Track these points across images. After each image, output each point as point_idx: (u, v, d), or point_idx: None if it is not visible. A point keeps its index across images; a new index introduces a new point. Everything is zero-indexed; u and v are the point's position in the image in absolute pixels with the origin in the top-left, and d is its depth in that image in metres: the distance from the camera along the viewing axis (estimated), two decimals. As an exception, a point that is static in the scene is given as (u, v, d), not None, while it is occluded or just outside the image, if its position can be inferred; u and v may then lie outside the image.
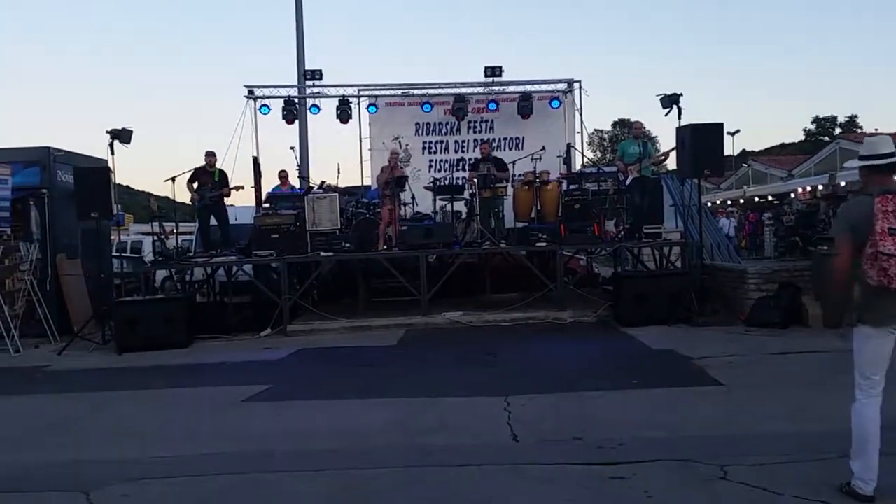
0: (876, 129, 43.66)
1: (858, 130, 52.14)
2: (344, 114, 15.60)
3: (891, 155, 4.12)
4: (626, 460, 4.99)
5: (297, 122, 15.96)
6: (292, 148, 14.97)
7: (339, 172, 13.96)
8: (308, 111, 16.16)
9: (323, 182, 13.54)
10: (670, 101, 11.82)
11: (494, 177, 12.71)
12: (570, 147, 15.44)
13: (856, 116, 62.03)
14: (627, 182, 12.52)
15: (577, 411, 6.32)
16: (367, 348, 10.03)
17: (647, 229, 12.25)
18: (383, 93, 16.26)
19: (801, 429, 5.57)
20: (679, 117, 11.67)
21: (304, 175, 14.96)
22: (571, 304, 11.82)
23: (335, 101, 15.68)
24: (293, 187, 14.46)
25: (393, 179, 12.20)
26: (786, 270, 10.90)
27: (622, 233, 12.57)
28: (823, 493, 4.20)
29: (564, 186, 13.35)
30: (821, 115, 63.73)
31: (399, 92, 16.30)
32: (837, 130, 56.06)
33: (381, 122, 16.10)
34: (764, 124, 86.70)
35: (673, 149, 11.94)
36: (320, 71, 15.44)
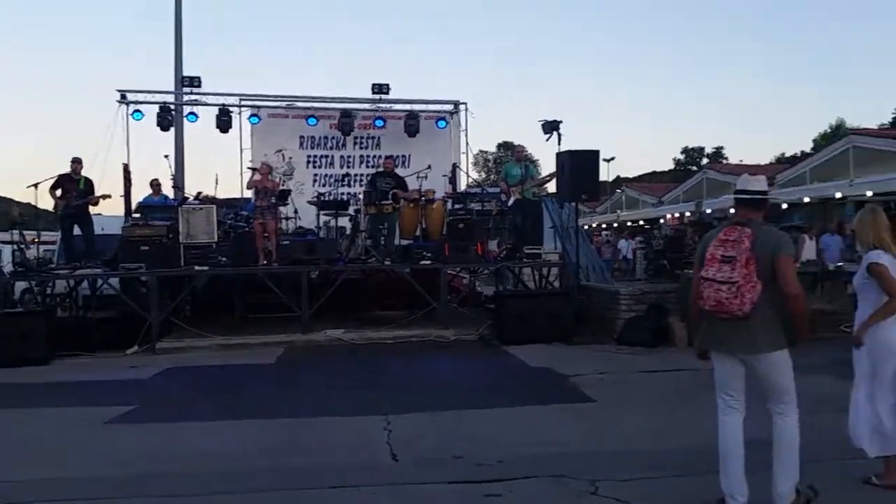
0: (740, 161, 46.59)
1: (724, 161, 55.57)
2: (224, 123, 15.21)
3: (758, 193, 4.39)
4: (503, 477, 5.04)
5: (172, 129, 15.42)
6: (166, 156, 14.44)
7: (216, 183, 13.54)
8: (185, 119, 15.63)
9: (199, 193, 13.10)
10: (551, 126, 12.20)
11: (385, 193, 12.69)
12: (455, 167, 15.66)
13: (722, 148, 66.24)
14: (510, 203, 12.80)
15: (457, 429, 6.35)
16: (243, 366, 9.71)
17: (527, 250, 12.54)
18: (266, 103, 15.98)
19: (668, 444, 5.79)
20: (559, 143, 12.08)
21: (178, 185, 14.43)
22: (454, 323, 11.91)
23: (214, 110, 15.27)
24: (166, 197, 13.92)
25: (265, 191, 11.80)
26: (655, 292, 11.42)
27: (504, 253, 12.81)
28: (686, 506, 4.38)
29: (449, 206, 13.50)
30: (689, 146, 67.67)
31: (283, 104, 16.07)
32: (705, 160, 59.52)
33: (263, 134, 15.78)
34: (637, 153, 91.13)
35: (554, 173, 12.32)
36: (199, 78, 15.02)
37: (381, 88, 15.67)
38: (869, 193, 16.96)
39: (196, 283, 12.65)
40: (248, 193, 12.54)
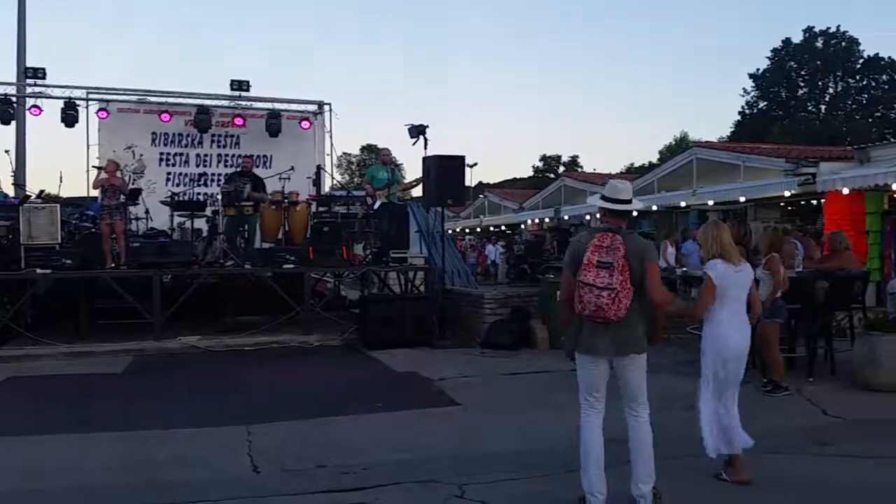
0: (594, 169, 48.70)
1: (580, 169, 57.99)
2: (70, 117, 14.24)
3: (626, 202, 4.55)
4: (368, 485, 4.96)
5: (13, 123, 14.29)
6: (7, 151, 13.32)
7: (61, 181, 12.56)
8: (27, 112, 14.51)
9: (42, 191, 12.13)
10: (417, 131, 12.24)
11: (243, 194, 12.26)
12: (319, 169, 15.39)
13: (577, 156, 69.08)
14: (375, 207, 12.71)
15: (321, 437, 6.19)
16: (90, 376, 9.05)
17: (393, 254, 12.50)
18: (116, 97, 15.09)
19: (530, 445, 5.90)
20: (425, 147, 12.12)
21: (19, 182, 13.35)
22: (318, 328, 11.67)
23: (60, 103, 14.28)
24: (6, 195, 12.87)
25: (112, 190, 11.10)
26: (517, 296, 11.68)
27: (370, 256, 12.70)
28: (551, 506, 4.46)
29: (313, 208, 13.24)
30: (547, 154, 70.09)
31: (134, 98, 15.22)
32: (561, 168, 61.86)
33: (112, 129, 14.84)
34: (498, 159, 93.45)
35: (420, 178, 12.35)
36: (43, 69, 14.01)
37: (240, 85, 15.18)
38: (710, 203, 18.10)
39: (38, 287, 11.69)
40: (95, 192, 11.77)
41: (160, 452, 5.80)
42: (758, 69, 54.12)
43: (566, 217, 25.79)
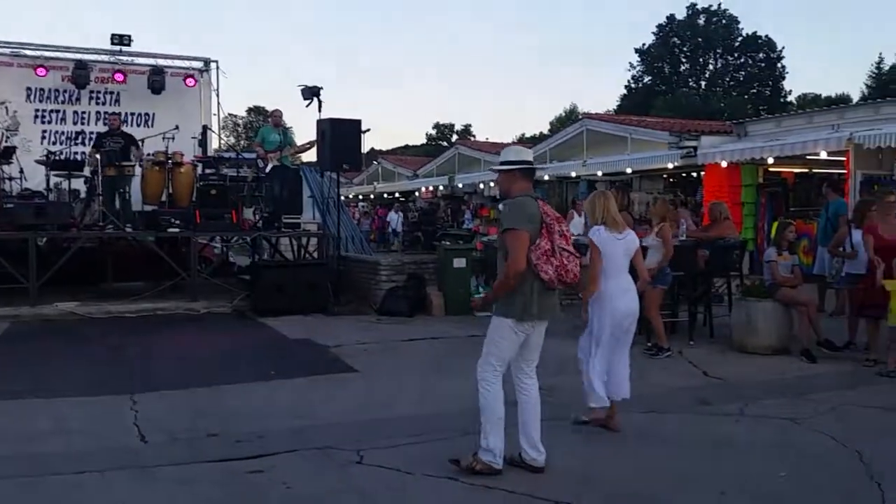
0: (487, 138, 49.13)
1: (472, 138, 58.37)
2: (-67, 71, 13.06)
3: (531, 163, 4.58)
4: (264, 453, 4.84)
5: None
6: None
7: (-79, 138, 11.58)
8: None
9: None
10: (311, 92, 11.90)
11: (124, 154, 11.62)
12: (206, 129, 14.76)
13: (470, 125, 69.52)
14: (267, 170, 12.32)
15: (212, 406, 6.00)
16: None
17: (286, 219, 12.20)
18: (-13, 49, 13.94)
19: (427, 410, 5.92)
20: (319, 110, 11.82)
21: None
22: (205, 295, 11.28)
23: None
24: None
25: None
26: (413, 263, 11.67)
27: (261, 221, 12.34)
28: (450, 469, 4.47)
29: (200, 170, 12.69)
30: (441, 122, 70.19)
31: (7, 50, 14.09)
32: (455, 137, 62.10)
33: (-19, 85, 13.75)
34: (391, 126, 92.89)
35: (314, 141, 12.05)
36: None
37: (121, 39, 14.30)
38: (599, 173, 18.63)
39: None
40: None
41: (40, 423, 5.48)
42: (643, 44, 55.95)
43: (460, 185, 25.97)
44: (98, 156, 11.58)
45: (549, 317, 4.51)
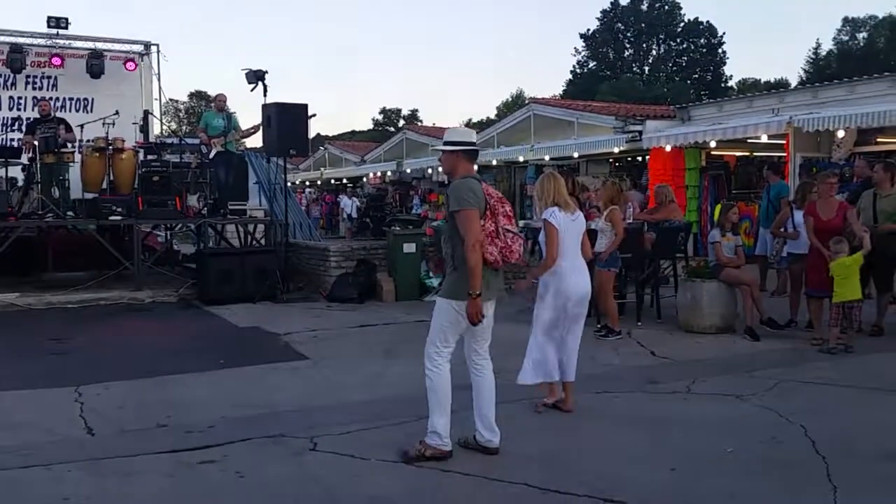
0: (433, 123, 49.07)
1: (420, 123, 58.16)
2: None
3: (475, 144, 4.59)
4: (215, 443, 4.77)
5: None
6: None
7: None
8: None
9: None
10: (256, 76, 11.67)
11: (61, 139, 11.26)
12: (147, 114, 14.41)
13: (417, 110, 69.29)
14: (211, 156, 12.07)
15: (160, 397, 5.88)
16: None
17: (231, 206, 11.99)
18: (-85, 31, 13.36)
19: (379, 395, 5.91)
20: (265, 94, 11.60)
21: None
22: (149, 284, 11.07)
23: None
24: None
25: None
26: (363, 249, 11.59)
27: (206, 208, 12.11)
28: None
29: (142, 156, 12.39)
30: (387, 107, 69.80)
31: (-62, 33, 13.54)
32: (401, 122, 61.82)
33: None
34: (337, 111, 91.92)
35: (258, 125, 11.85)
36: None
37: (58, 22, 13.86)
38: (547, 158, 18.76)
39: None
40: None
41: (-21, 417, 5.31)
42: (588, 29, 56.49)
43: (408, 170, 25.90)
44: (35, 143, 11.20)
45: (495, 297, 4.51)
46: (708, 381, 6.20)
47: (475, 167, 4.62)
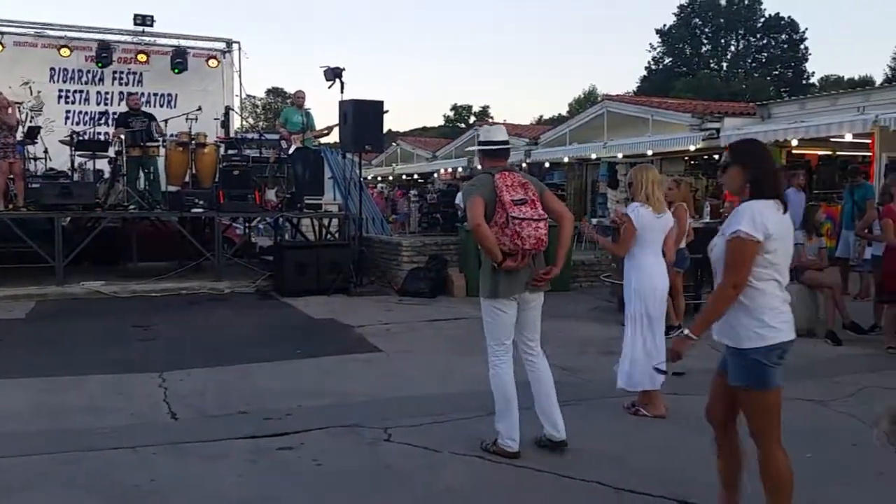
0: (505, 120, 48.92)
1: (490, 120, 58.08)
2: (-39, 52, 13.19)
3: (504, 143, 4.61)
4: (293, 430, 4.91)
5: None
6: None
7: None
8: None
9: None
10: (334, 74, 11.85)
11: (149, 134, 11.71)
12: (228, 110, 14.86)
13: (488, 107, 69.18)
14: (290, 151, 12.36)
15: (240, 384, 6.08)
16: (-10, 322, 8.59)
17: (308, 200, 12.25)
18: (11, 30, 14.14)
19: (451, 389, 5.98)
20: (342, 91, 11.79)
21: None
22: (228, 275, 11.40)
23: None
24: None
25: (5, 128, 10.33)
26: (435, 244, 11.70)
27: (283, 202, 12.41)
28: (476, 447, 4.52)
29: (223, 151, 12.78)
30: (458, 104, 69.92)
31: (31, 31, 14.25)
32: (472, 119, 61.85)
33: (7, 64, 13.88)
34: (408, 107, 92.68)
35: (335, 125, 12.07)
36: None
37: (143, 20, 14.44)
38: (620, 155, 18.51)
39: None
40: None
41: (72, 399, 5.59)
42: (664, 25, 55.35)
43: (479, 167, 25.82)
44: (122, 136, 11.67)
45: (522, 290, 4.37)
46: (786, 385, 5.98)
47: (505, 161, 4.62)
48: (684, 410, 5.47)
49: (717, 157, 17.03)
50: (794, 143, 14.01)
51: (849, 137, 13.30)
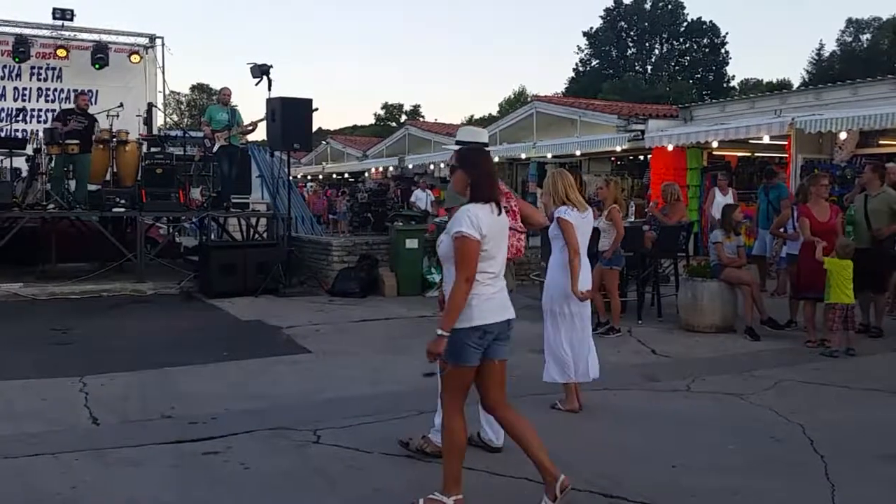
0: (436, 119, 48.96)
1: (422, 118, 58.11)
2: None
3: (486, 144, 4.58)
4: (219, 434, 4.82)
5: None
6: None
7: None
8: None
9: None
10: (260, 70, 11.65)
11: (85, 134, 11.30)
12: (151, 107, 14.45)
13: (419, 106, 69.15)
14: (215, 149, 12.08)
15: (164, 388, 5.93)
16: None
17: (234, 199, 12.01)
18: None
19: (381, 390, 5.96)
20: (269, 89, 11.61)
21: None
22: (152, 276, 11.09)
23: None
24: None
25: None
26: (365, 244, 11.62)
27: (208, 201, 12.13)
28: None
29: (145, 149, 12.42)
30: (389, 102, 69.70)
31: (-57, 24, 13.59)
32: (403, 117, 61.74)
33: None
34: (339, 106, 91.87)
35: (262, 119, 11.87)
36: None
37: (63, 14, 13.93)
38: (549, 155, 18.77)
39: None
40: None
41: (-15, 406, 5.35)
42: (591, 28, 56.39)
43: (410, 166, 25.88)
44: (41, 133, 11.24)
45: None
46: (708, 379, 6.24)
47: None
48: (611, 406, 5.60)
49: (642, 157, 17.49)
50: (715, 144, 14.45)
51: (766, 139, 13.79)
